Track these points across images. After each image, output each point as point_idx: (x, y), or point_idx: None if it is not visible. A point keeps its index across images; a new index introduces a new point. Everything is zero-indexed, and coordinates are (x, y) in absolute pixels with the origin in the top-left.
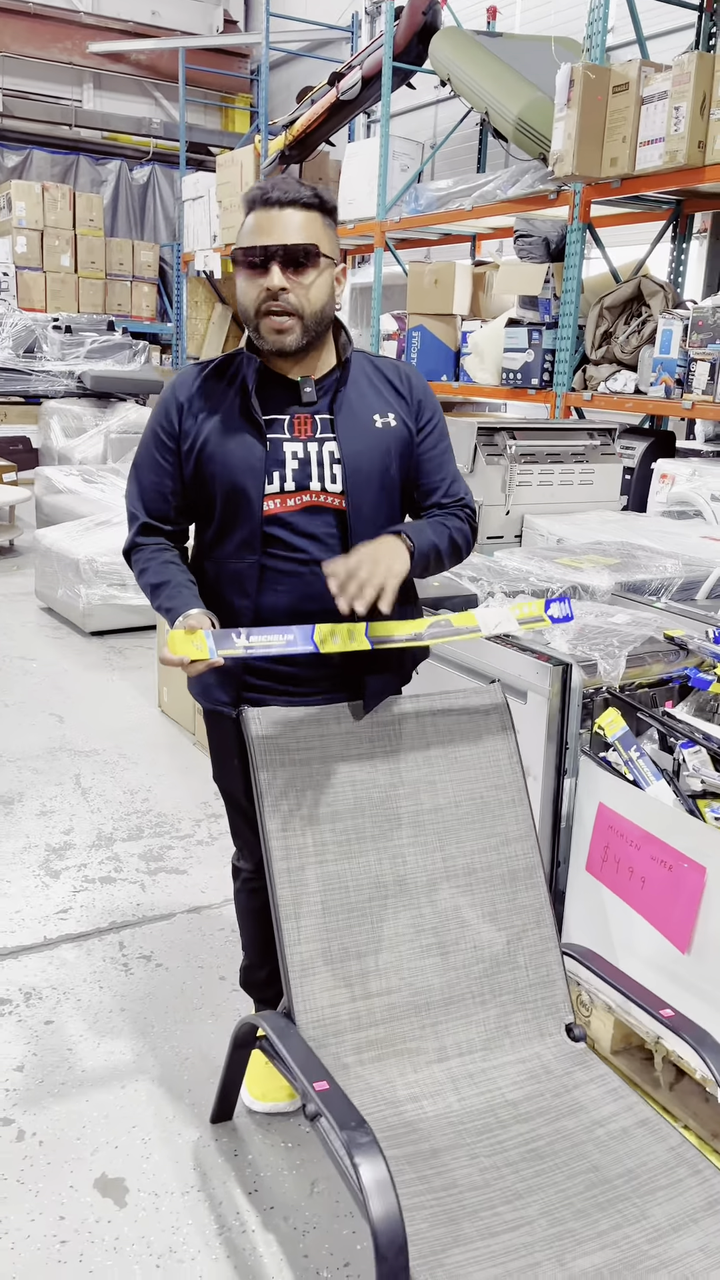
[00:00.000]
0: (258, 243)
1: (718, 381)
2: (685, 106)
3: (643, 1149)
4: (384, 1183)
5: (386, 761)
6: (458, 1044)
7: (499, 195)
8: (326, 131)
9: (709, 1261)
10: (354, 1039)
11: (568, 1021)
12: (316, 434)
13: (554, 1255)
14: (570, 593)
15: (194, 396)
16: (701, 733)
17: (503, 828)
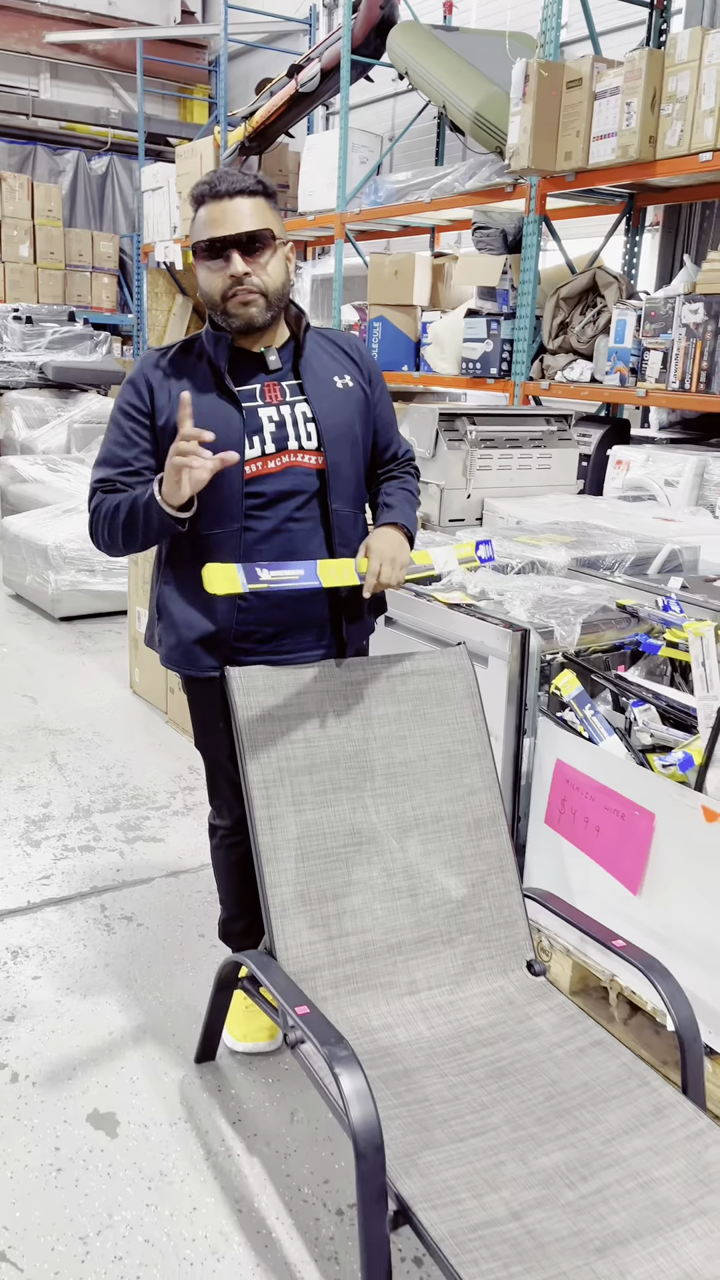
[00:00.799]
0: (216, 234)
1: (670, 370)
2: (636, 102)
3: (597, 1065)
4: (362, 1090)
5: (360, 718)
6: (427, 978)
7: (457, 188)
8: (286, 123)
9: (656, 1159)
10: (330, 974)
11: (529, 958)
12: (286, 398)
13: (516, 1155)
14: (529, 568)
15: (164, 376)
16: (651, 692)
17: (468, 779)
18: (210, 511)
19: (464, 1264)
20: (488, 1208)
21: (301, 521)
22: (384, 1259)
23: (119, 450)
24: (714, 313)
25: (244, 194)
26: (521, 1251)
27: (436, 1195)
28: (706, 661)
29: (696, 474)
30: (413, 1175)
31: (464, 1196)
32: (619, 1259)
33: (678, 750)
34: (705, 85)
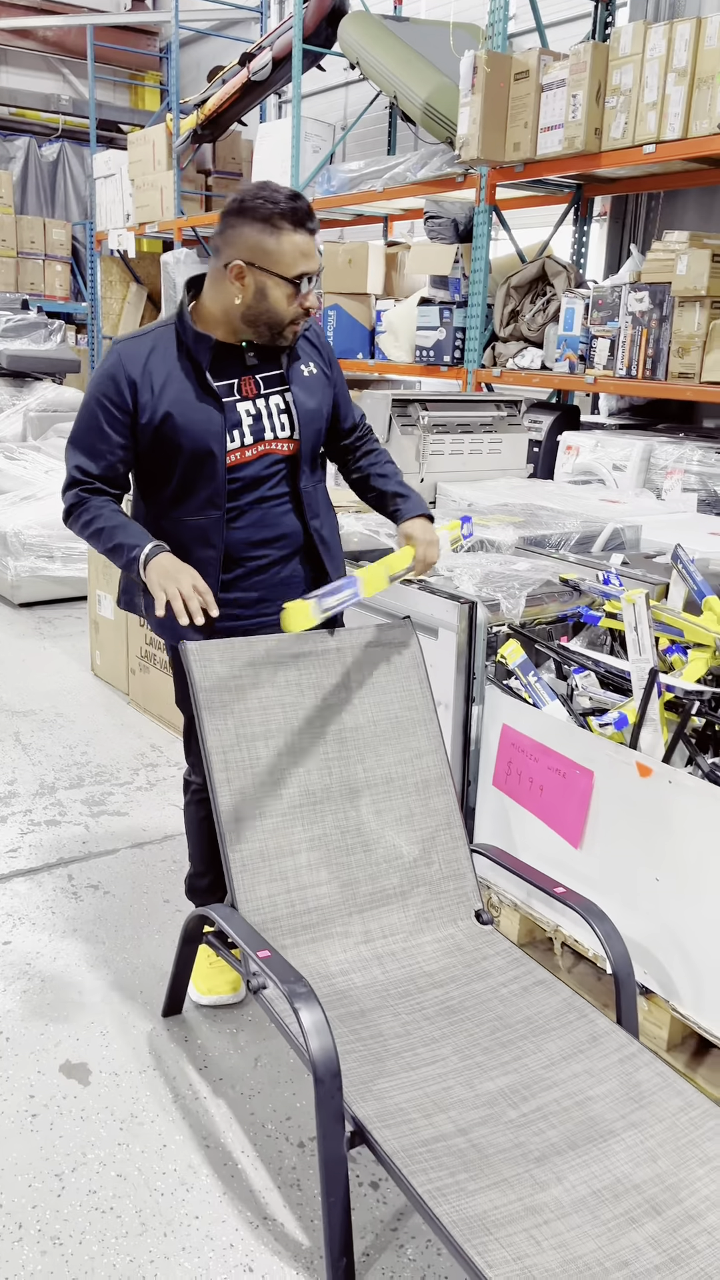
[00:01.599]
0: (306, 269)
1: (617, 357)
2: (582, 94)
3: (539, 1001)
4: (319, 1022)
5: (313, 687)
6: (381, 928)
7: (409, 177)
8: (238, 111)
9: (591, 1080)
10: (290, 924)
11: (477, 908)
12: (261, 390)
13: (464, 1081)
14: (478, 547)
15: (145, 373)
16: (591, 659)
17: (415, 743)
18: (197, 502)
19: (414, 1173)
20: (436, 1126)
21: (273, 499)
22: (342, 1176)
23: (96, 441)
24: (658, 301)
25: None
26: (467, 1162)
27: (389, 1116)
28: (639, 627)
29: (643, 458)
30: (368, 1100)
31: (415, 1117)
32: (556, 1167)
33: (613, 711)
34: (648, 79)
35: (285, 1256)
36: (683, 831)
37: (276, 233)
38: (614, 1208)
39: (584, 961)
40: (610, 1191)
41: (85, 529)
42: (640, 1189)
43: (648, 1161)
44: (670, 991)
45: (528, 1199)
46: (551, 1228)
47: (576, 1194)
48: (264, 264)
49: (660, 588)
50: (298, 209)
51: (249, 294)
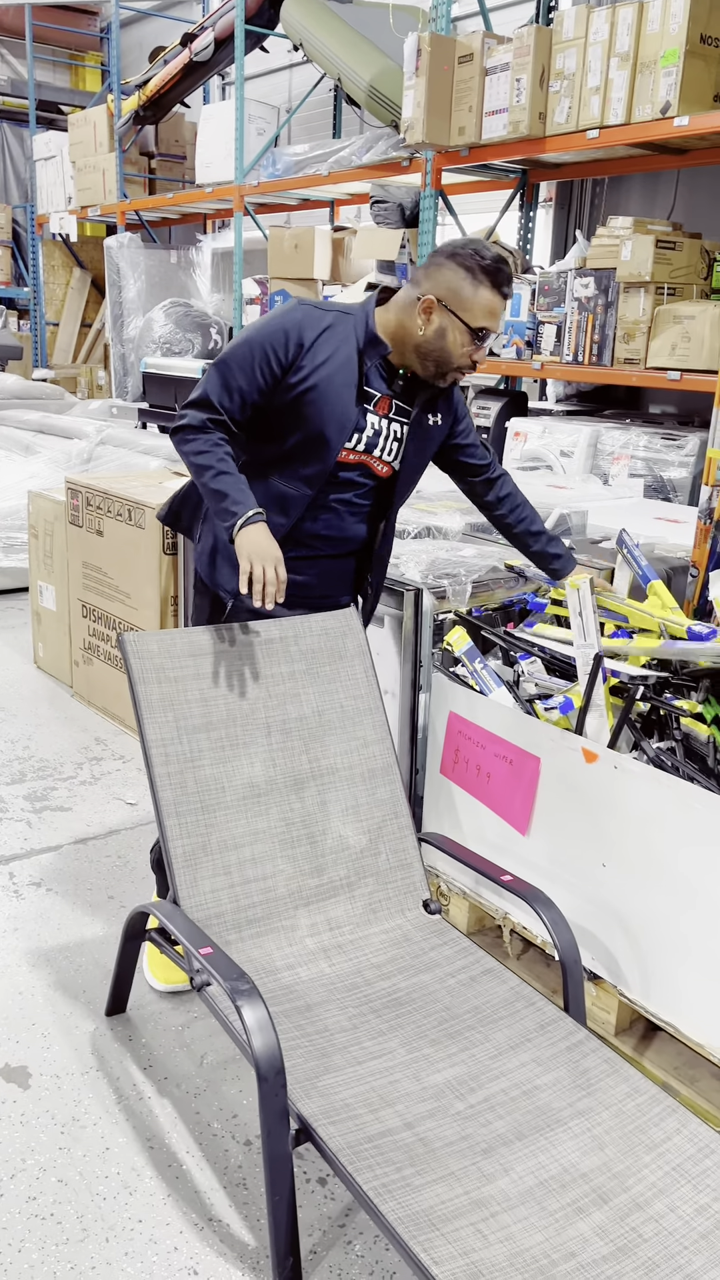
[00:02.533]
0: (488, 326)
1: (564, 343)
2: (526, 79)
3: (487, 990)
4: (262, 1019)
5: (256, 677)
6: (328, 920)
7: (354, 161)
8: (181, 93)
9: (539, 1069)
10: (234, 919)
11: (424, 898)
12: (391, 413)
13: (410, 1074)
14: (424, 533)
15: (317, 341)
16: (537, 645)
17: (361, 732)
18: (296, 474)
19: (359, 1170)
20: (383, 1121)
21: (354, 508)
22: (287, 1175)
23: (240, 376)
24: (604, 287)
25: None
26: (413, 1156)
27: (335, 1113)
28: (583, 612)
29: (590, 444)
30: (313, 1096)
31: (361, 1112)
32: (503, 1158)
33: (559, 696)
34: (591, 63)
35: (230, 1257)
36: (628, 817)
37: (475, 284)
38: (561, 1198)
39: (532, 948)
40: (557, 1181)
41: (193, 456)
42: (587, 1178)
43: (595, 1150)
44: (618, 977)
45: (474, 1192)
46: (498, 1220)
47: (524, 1185)
48: (454, 307)
49: (606, 572)
50: (500, 271)
51: (431, 329)
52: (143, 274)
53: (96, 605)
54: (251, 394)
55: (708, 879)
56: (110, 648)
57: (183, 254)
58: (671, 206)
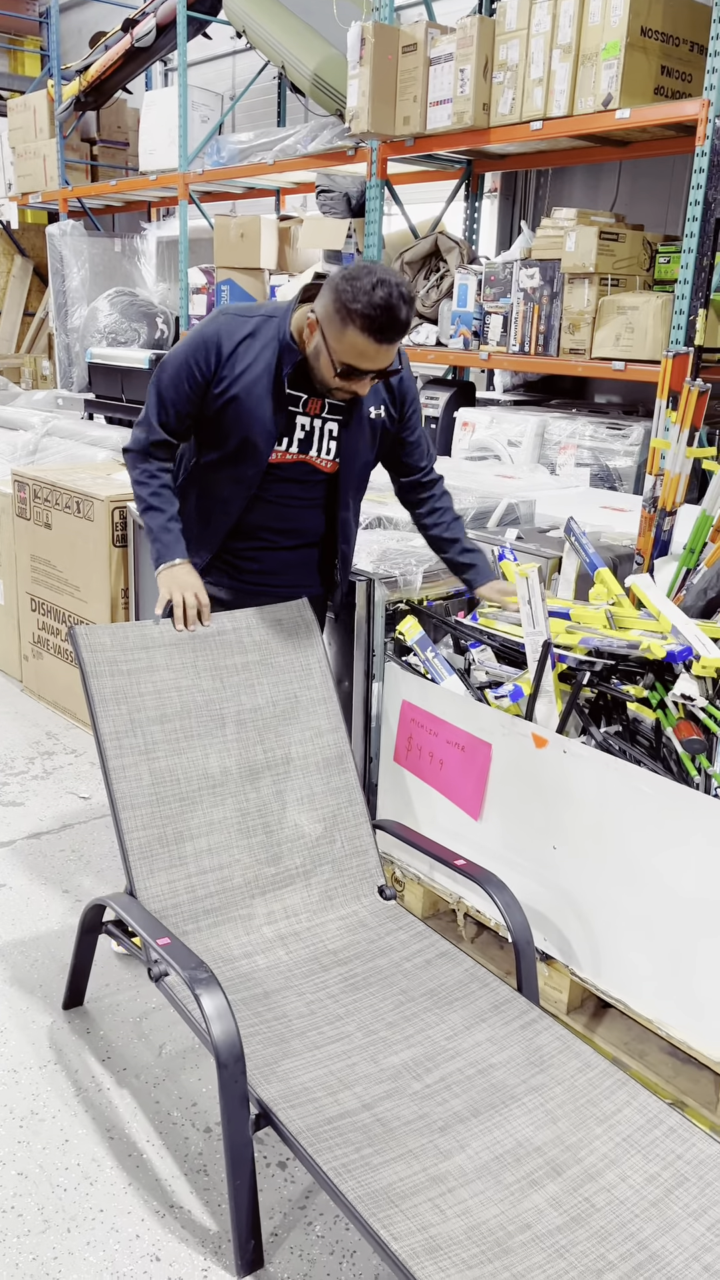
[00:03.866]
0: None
1: (510, 333)
2: (470, 69)
3: (442, 973)
4: (221, 1006)
5: (210, 669)
6: (284, 909)
7: (299, 150)
8: (122, 79)
9: (494, 1048)
10: (191, 909)
11: (379, 884)
12: (322, 413)
13: (368, 1056)
14: (375, 524)
15: (237, 351)
16: (486, 633)
17: (315, 722)
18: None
19: (319, 1151)
20: (341, 1103)
21: (302, 501)
22: (247, 1159)
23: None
24: (549, 277)
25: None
26: (372, 1136)
27: (294, 1096)
28: (532, 600)
29: (537, 434)
30: (272, 1081)
31: (320, 1095)
32: (459, 1135)
33: (508, 683)
34: (534, 54)
35: (193, 1243)
36: (578, 800)
37: (345, 323)
38: (516, 1171)
39: (486, 931)
40: (512, 1155)
41: (133, 485)
42: (541, 1151)
43: (548, 1124)
44: (569, 957)
45: (432, 1169)
46: (455, 1195)
47: (479, 1160)
48: (327, 335)
49: (554, 561)
50: (376, 319)
51: (310, 347)
52: (86, 262)
53: (46, 599)
54: (183, 407)
55: (655, 859)
56: (60, 641)
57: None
58: (614, 198)
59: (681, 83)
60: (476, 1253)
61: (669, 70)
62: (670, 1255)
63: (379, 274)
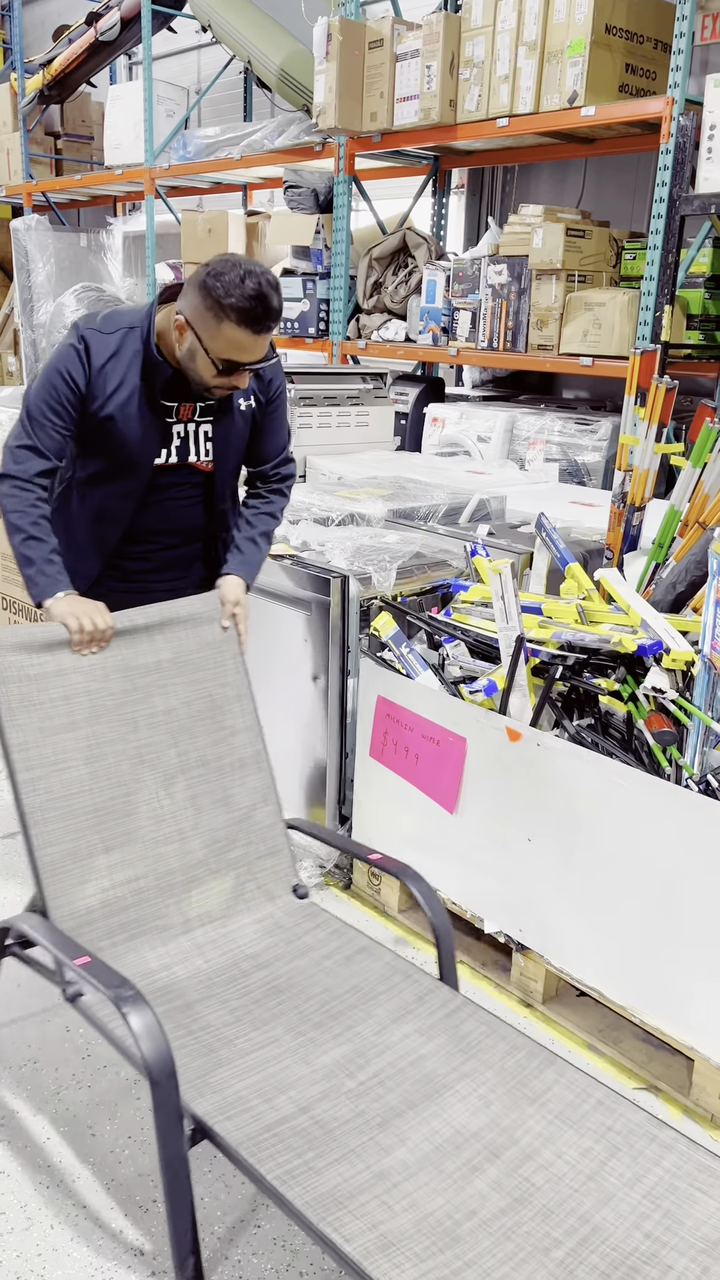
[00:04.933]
0: (243, 360)
1: (479, 329)
2: (436, 65)
3: (364, 968)
4: (151, 1024)
5: (119, 670)
6: (200, 916)
7: (267, 145)
8: (86, 72)
9: (422, 1039)
10: (105, 925)
11: (294, 884)
12: (195, 416)
13: (300, 1058)
14: (348, 520)
15: (103, 370)
16: (461, 629)
17: (230, 721)
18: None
19: (262, 1160)
20: (278, 1109)
21: (183, 500)
22: (184, 1176)
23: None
24: (517, 274)
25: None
26: (312, 1140)
27: (230, 1107)
28: (505, 596)
29: (506, 429)
30: (206, 1094)
31: (255, 1103)
32: (398, 1129)
33: (483, 678)
34: (500, 51)
35: (138, 1268)
36: (552, 793)
37: (220, 317)
38: (456, 1159)
39: (461, 922)
40: (451, 1144)
41: (7, 513)
42: (478, 1136)
43: (482, 1109)
44: (544, 947)
45: (375, 1165)
46: (401, 1190)
47: (420, 1152)
48: (200, 333)
49: (525, 556)
50: (251, 311)
51: (184, 349)
52: (52, 257)
53: (18, 598)
54: (59, 422)
55: (628, 850)
56: None
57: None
58: (580, 195)
59: (646, 80)
60: (428, 1245)
61: (633, 68)
62: (612, 1227)
63: (244, 265)
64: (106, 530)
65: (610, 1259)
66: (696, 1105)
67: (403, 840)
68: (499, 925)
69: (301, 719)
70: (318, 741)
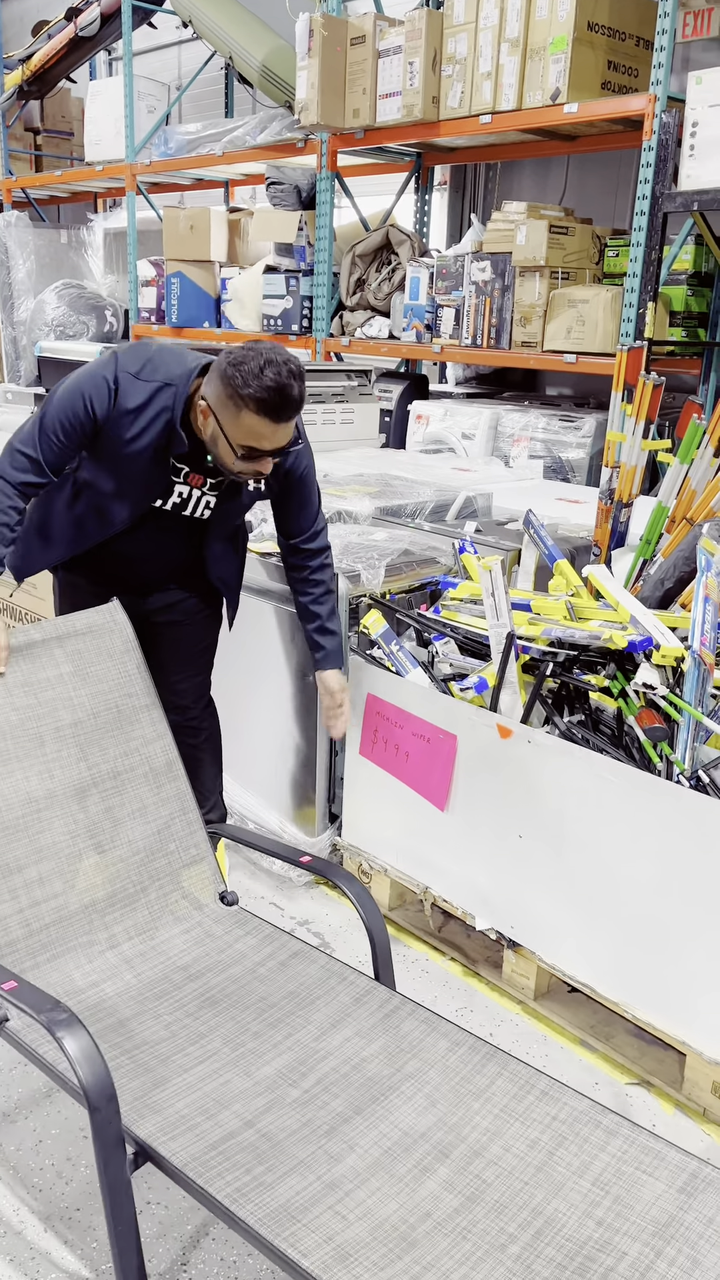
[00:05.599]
0: (257, 447)
1: (463, 326)
2: (419, 62)
3: (299, 973)
4: (88, 1049)
5: (21, 685)
6: (126, 930)
7: (249, 141)
8: (66, 68)
9: (362, 1041)
10: (27, 945)
11: (220, 890)
12: (204, 488)
13: (240, 1071)
14: (335, 518)
15: (129, 412)
16: (450, 626)
17: (140, 731)
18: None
19: (210, 1180)
20: (223, 1125)
21: (163, 535)
22: (128, 1201)
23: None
24: (500, 271)
25: (296, 415)
26: (260, 1154)
27: (173, 1128)
28: (495, 593)
29: (491, 426)
30: (147, 1116)
31: (199, 1121)
32: (346, 1135)
33: (473, 675)
34: (482, 48)
35: None
36: (542, 789)
37: (240, 409)
38: (406, 1161)
39: (452, 919)
40: (400, 1147)
41: None
42: (426, 1136)
43: (428, 1108)
44: (536, 943)
45: (326, 1175)
46: (354, 1198)
47: (370, 1157)
48: (221, 420)
49: (513, 553)
50: (269, 402)
51: (207, 433)
52: (32, 254)
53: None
54: (68, 446)
55: (619, 846)
56: None
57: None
58: (563, 191)
59: (628, 77)
60: (385, 1252)
61: (615, 65)
62: (564, 1217)
63: (265, 354)
64: (84, 537)
65: (565, 1250)
66: (689, 1099)
67: (393, 837)
68: (490, 922)
69: (290, 717)
70: (306, 739)
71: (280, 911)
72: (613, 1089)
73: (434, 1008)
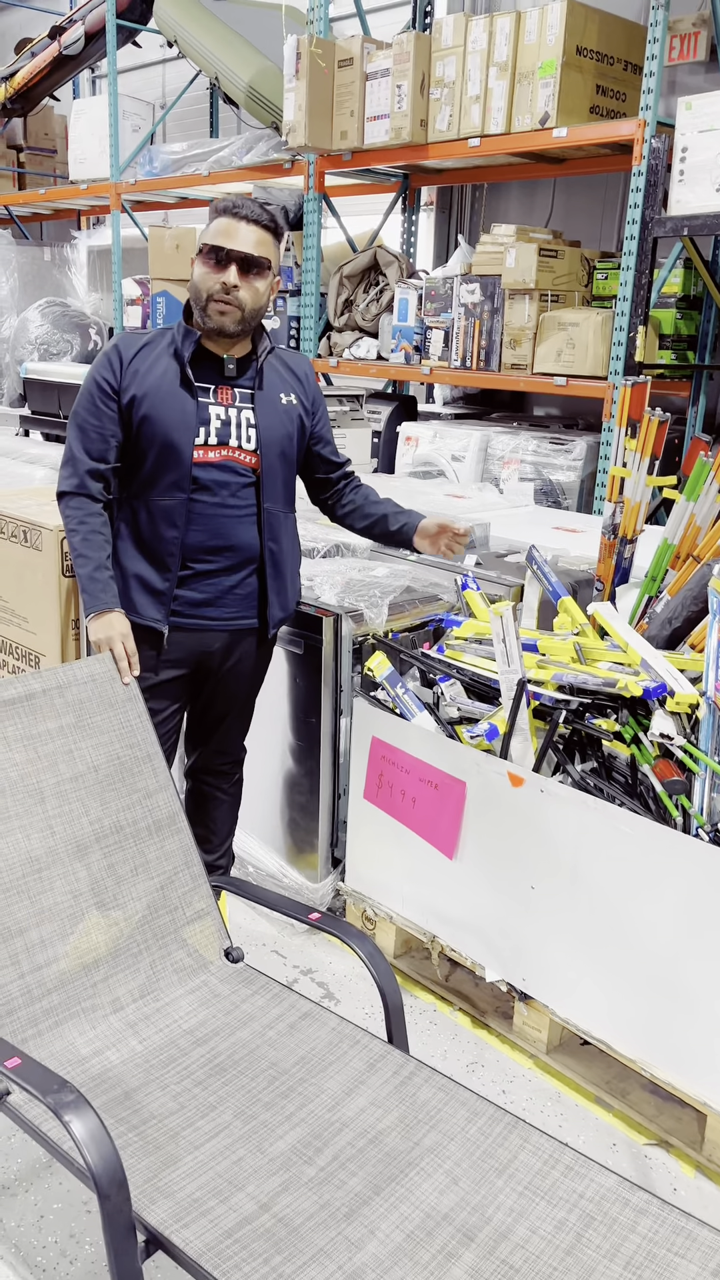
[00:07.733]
0: (224, 245)
1: (452, 348)
2: (407, 85)
3: (310, 1037)
4: (97, 1132)
5: (20, 739)
6: (129, 991)
7: (235, 162)
8: (50, 86)
9: (378, 1112)
10: (28, 1012)
11: (225, 947)
12: (236, 402)
13: (253, 1146)
14: (334, 551)
15: (135, 358)
16: (455, 667)
17: (142, 783)
18: (165, 485)
19: (226, 1272)
20: (238, 1209)
21: (232, 510)
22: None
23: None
24: (489, 293)
25: (258, 224)
26: (277, 1242)
27: (185, 1213)
28: (506, 639)
29: (480, 449)
30: (158, 1201)
31: (212, 1205)
32: (366, 1219)
33: (483, 721)
34: (470, 72)
35: None
36: (556, 839)
37: (210, 220)
38: (429, 1247)
39: (460, 969)
40: (423, 1230)
41: (70, 533)
42: (449, 1218)
43: (450, 1186)
44: (549, 996)
45: (347, 1265)
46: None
47: (392, 1243)
48: (199, 245)
49: (515, 589)
50: (232, 204)
51: (193, 278)
52: (15, 271)
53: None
54: (109, 426)
55: (635, 899)
56: (8, 674)
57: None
58: (549, 214)
59: (616, 101)
60: None
61: (604, 89)
62: None
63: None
64: (170, 539)
65: None
66: (710, 1161)
67: (398, 884)
68: (501, 974)
69: (291, 759)
70: (309, 781)
71: (283, 960)
72: (631, 1150)
73: (445, 1062)
